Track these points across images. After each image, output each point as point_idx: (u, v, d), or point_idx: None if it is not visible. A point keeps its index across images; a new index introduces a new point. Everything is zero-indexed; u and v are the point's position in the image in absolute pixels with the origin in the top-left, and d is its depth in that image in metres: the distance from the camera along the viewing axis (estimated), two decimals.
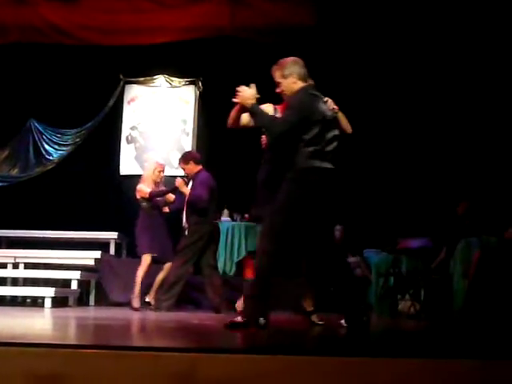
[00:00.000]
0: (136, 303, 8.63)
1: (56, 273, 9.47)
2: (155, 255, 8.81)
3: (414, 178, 10.33)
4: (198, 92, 12.44)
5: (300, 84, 5.27)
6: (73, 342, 3.94)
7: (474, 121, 10.27)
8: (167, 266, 8.75)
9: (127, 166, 12.28)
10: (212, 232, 8.60)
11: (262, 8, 10.95)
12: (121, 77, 12.38)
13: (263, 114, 5.36)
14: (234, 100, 5.40)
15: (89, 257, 9.96)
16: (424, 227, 9.31)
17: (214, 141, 11.74)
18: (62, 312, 7.79)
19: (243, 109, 5.46)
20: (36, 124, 12.31)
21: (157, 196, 8.93)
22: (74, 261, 9.93)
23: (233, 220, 10.76)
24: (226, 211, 10.81)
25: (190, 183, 8.72)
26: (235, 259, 10.35)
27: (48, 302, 8.51)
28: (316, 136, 5.05)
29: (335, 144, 5.17)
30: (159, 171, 9.18)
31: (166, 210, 9.10)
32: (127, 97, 12.54)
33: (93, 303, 9.92)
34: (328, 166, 5.07)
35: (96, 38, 11.17)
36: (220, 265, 10.11)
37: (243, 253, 10.35)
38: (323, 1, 10.52)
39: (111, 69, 12.03)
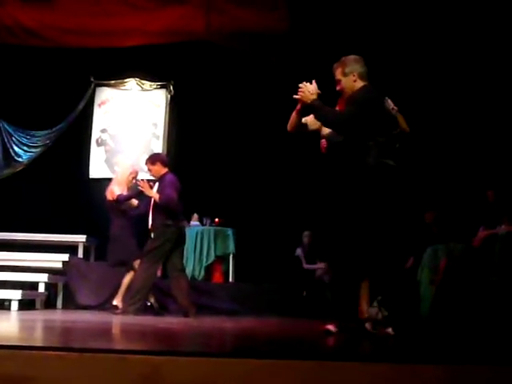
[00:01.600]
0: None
1: (23, 275, 9.39)
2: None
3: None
4: (168, 96, 12.42)
5: (360, 83, 5.28)
6: (37, 343, 3.91)
7: (441, 130, 10.33)
8: (132, 270, 8.74)
9: (97, 168, 12.22)
10: (179, 235, 8.54)
11: (235, 14, 10.94)
12: (92, 79, 12.32)
13: (326, 108, 5.23)
14: (295, 97, 5.23)
15: (57, 260, 9.88)
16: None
17: (184, 145, 11.75)
18: (29, 315, 7.72)
19: (303, 109, 5.33)
20: (5, 125, 12.21)
21: (124, 200, 8.90)
22: (41, 263, 9.85)
23: (202, 224, 10.76)
24: (195, 215, 10.81)
25: (156, 185, 8.66)
26: (204, 263, 10.36)
27: (15, 305, 8.45)
28: (385, 133, 5.11)
29: (398, 143, 5.30)
30: (133, 177, 9.15)
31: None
32: (98, 99, 12.49)
33: (60, 306, 9.85)
34: (393, 164, 5.18)
35: (67, 40, 11.09)
36: (189, 269, 10.11)
37: (212, 257, 10.38)
38: (296, 8, 10.55)
39: (82, 71, 11.96)
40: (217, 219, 10.80)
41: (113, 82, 12.49)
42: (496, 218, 7.99)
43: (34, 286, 9.36)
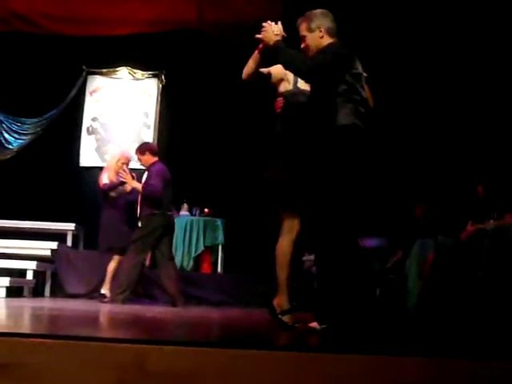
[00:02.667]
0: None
1: (11, 262, 9.37)
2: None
3: (372, 177, 10.38)
4: (160, 85, 12.40)
5: (328, 39, 4.67)
6: (23, 331, 3.91)
7: (432, 123, 10.34)
8: (118, 256, 8.82)
9: (87, 157, 12.20)
10: (167, 224, 8.53)
11: (227, 3, 10.93)
12: (83, 67, 12.29)
13: (292, 51, 4.64)
14: (257, 36, 4.72)
15: (45, 247, 9.86)
16: (381, 227, 9.36)
17: (174, 134, 11.74)
18: (16, 302, 7.72)
19: (264, 51, 4.80)
20: None
21: (109, 189, 8.94)
22: (30, 251, 9.83)
23: (191, 214, 10.76)
24: (185, 205, 10.81)
25: (145, 174, 8.68)
26: (193, 254, 10.37)
27: (2, 292, 8.44)
28: (355, 91, 4.49)
29: (366, 109, 4.64)
30: (122, 163, 9.14)
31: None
32: (89, 88, 12.45)
33: (48, 294, 9.84)
34: (362, 126, 4.57)
35: (59, 28, 11.06)
36: (177, 259, 10.12)
37: (201, 247, 10.39)
38: (290, 2, 10.52)
39: (74, 59, 11.92)
40: (206, 209, 10.80)
41: (104, 70, 12.46)
42: (485, 213, 8.01)
43: (22, 273, 9.35)
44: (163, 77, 12.34)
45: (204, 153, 11.38)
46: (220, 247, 10.53)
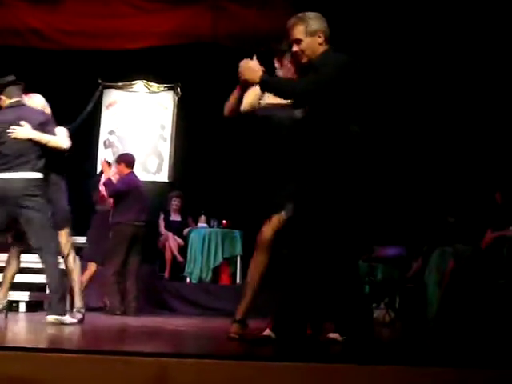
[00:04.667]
0: None
1: (31, 277, 9.38)
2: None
3: (391, 186, 10.36)
4: (176, 98, 12.42)
5: (325, 47, 4.21)
6: (45, 346, 3.92)
7: (449, 131, 10.31)
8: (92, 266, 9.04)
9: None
10: (135, 234, 8.76)
11: (243, 15, 10.93)
12: (99, 81, 12.34)
13: (277, 79, 4.47)
14: (242, 79, 4.36)
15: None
16: (400, 236, 9.34)
17: (191, 146, 11.74)
18: (37, 316, 7.74)
19: (245, 88, 4.64)
20: None
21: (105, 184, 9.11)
22: None
23: (210, 226, 10.77)
24: (202, 217, 10.82)
25: None
26: (212, 265, 10.36)
27: (22, 307, 8.47)
28: (359, 113, 4.09)
29: None
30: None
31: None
32: (106, 101, 12.49)
33: (68, 308, 9.84)
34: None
35: (74, 42, 11.09)
36: (196, 271, 10.14)
37: (220, 259, 10.37)
38: (304, 9, 10.52)
39: (90, 73, 11.96)
40: (224, 221, 10.80)
41: (120, 84, 12.50)
42: (504, 220, 7.97)
43: (41, 287, 9.36)
44: (179, 89, 12.36)
45: (221, 164, 11.39)
46: (238, 258, 10.51)
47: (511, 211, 7.96)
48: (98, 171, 9.98)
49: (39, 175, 6.05)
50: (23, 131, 5.98)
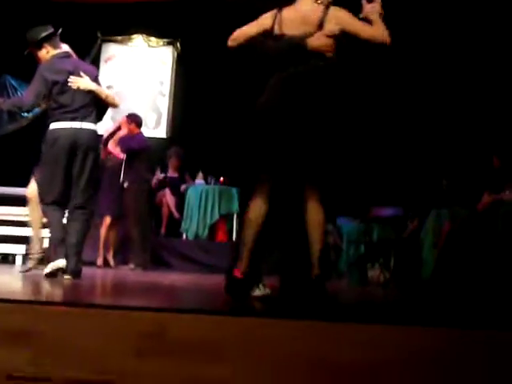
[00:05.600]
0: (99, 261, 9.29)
1: (27, 230, 9.40)
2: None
3: (388, 146, 10.36)
4: (175, 53, 12.36)
5: None
6: (41, 299, 3.94)
7: (446, 96, 10.30)
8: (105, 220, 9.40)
9: (102, 125, 12.15)
10: (149, 192, 9.49)
11: None
12: (98, 35, 12.25)
13: None
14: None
15: None
16: (397, 196, 9.36)
17: (190, 103, 11.71)
18: (33, 269, 7.76)
19: None
20: (10, 80, 12.13)
21: (106, 141, 9.48)
22: (46, 218, 9.85)
23: (207, 183, 10.77)
24: (200, 174, 10.81)
25: None
26: (208, 222, 10.38)
27: (19, 259, 8.50)
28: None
29: None
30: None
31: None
32: (104, 55, 12.43)
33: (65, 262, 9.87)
34: None
35: None
36: (193, 227, 10.16)
37: (216, 216, 10.39)
38: None
39: (88, 26, 11.87)
40: (222, 178, 10.80)
41: (119, 38, 12.43)
42: (501, 184, 7.98)
43: None
44: (179, 45, 12.30)
45: (219, 121, 11.35)
46: (235, 216, 10.53)
47: (508, 175, 7.97)
48: (106, 128, 10.01)
49: (98, 129, 6.10)
50: (86, 82, 5.98)
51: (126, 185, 9.14)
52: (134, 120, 9.49)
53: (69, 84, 5.89)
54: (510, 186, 7.81)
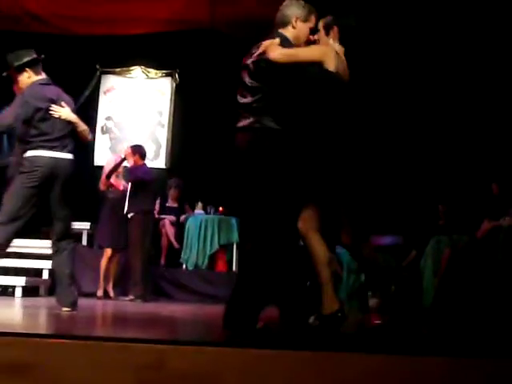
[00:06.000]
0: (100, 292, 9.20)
1: (27, 262, 9.41)
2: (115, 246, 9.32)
3: (387, 175, 10.37)
4: (174, 84, 12.41)
5: None
6: (41, 331, 3.93)
7: (446, 122, 10.32)
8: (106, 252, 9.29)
9: (101, 156, 12.21)
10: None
11: (242, 3, 10.91)
12: (97, 67, 12.32)
13: None
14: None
15: None
16: (396, 224, 9.36)
17: (189, 133, 11.73)
18: (33, 302, 7.75)
19: None
20: None
21: (110, 173, 9.40)
22: (45, 250, 9.84)
23: (206, 213, 10.77)
24: (199, 204, 10.82)
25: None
26: (208, 252, 10.36)
27: (19, 291, 8.48)
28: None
29: None
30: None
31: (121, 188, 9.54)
32: (103, 87, 12.48)
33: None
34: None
35: (73, 27, 11.05)
36: (193, 257, 10.16)
37: (216, 246, 10.37)
38: None
39: (88, 59, 11.94)
40: (221, 208, 10.80)
41: (118, 69, 12.48)
42: (500, 211, 7.99)
43: (38, 272, 9.39)
44: (177, 75, 12.35)
45: (218, 151, 11.37)
46: (235, 246, 10.52)
47: (507, 202, 7.98)
48: (107, 160, 10.10)
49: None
50: (67, 112, 5.95)
51: (130, 215, 9.09)
52: (139, 151, 9.48)
53: (51, 112, 5.82)
54: (510, 213, 7.81)
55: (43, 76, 6.06)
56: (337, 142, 4.39)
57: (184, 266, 10.34)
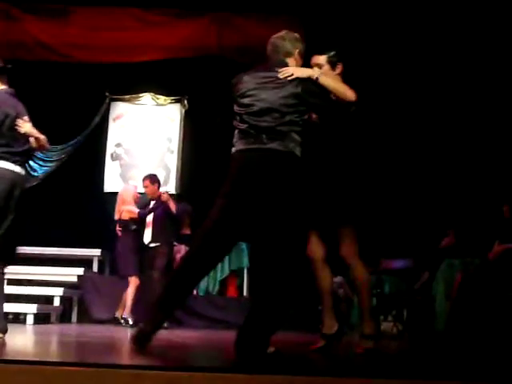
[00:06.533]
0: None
1: (38, 289, 9.43)
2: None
3: (398, 198, 10.35)
4: (183, 110, 12.46)
5: None
6: (54, 359, 3.92)
7: (456, 145, 10.32)
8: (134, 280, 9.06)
9: (112, 183, 12.25)
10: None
11: (248, 29, 10.98)
12: (107, 94, 12.38)
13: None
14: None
15: (72, 273, 9.93)
16: (407, 248, 9.32)
17: (198, 159, 11.76)
18: (44, 329, 7.74)
19: None
20: None
21: (144, 216, 9.08)
22: (56, 277, 9.89)
23: None
24: None
25: (152, 203, 9.22)
26: (219, 278, 10.36)
27: (30, 319, 8.47)
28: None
29: None
30: (137, 193, 9.81)
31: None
32: (113, 114, 12.54)
33: (75, 320, 9.87)
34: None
35: (82, 56, 11.15)
36: (203, 283, 10.13)
37: (226, 271, 10.37)
38: (310, 23, 10.55)
39: (97, 86, 12.02)
40: None
41: (127, 96, 12.55)
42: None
43: (49, 299, 9.39)
44: (186, 102, 12.40)
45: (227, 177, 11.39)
46: (245, 271, 10.50)
47: None
48: (123, 189, 10.18)
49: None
50: (31, 128, 5.61)
51: (152, 245, 8.99)
52: (157, 180, 9.42)
53: (16, 125, 5.48)
54: None
55: (7, 87, 5.81)
56: (357, 167, 4.51)
57: (195, 292, 10.31)
